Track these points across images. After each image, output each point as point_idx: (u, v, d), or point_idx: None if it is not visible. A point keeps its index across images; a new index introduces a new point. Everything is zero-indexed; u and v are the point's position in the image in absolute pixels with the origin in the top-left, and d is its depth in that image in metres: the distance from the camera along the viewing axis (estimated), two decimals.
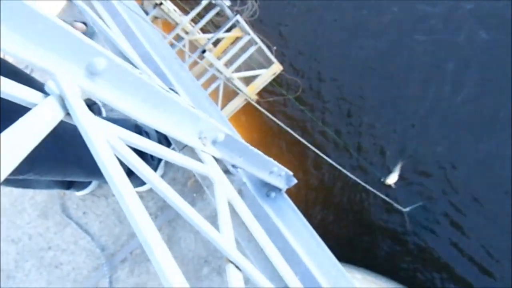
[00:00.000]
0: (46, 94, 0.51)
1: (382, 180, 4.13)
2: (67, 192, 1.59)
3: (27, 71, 1.85)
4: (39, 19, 0.48)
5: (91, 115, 0.52)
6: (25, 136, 0.37)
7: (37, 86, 1.09)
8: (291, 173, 1.32)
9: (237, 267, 0.60)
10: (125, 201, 0.42)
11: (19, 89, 0.46)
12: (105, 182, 1.47)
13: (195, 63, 3.23)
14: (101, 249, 1.47)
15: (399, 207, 3.94)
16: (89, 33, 1.86)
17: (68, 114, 0.50)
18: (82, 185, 1.50)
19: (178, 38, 3.33)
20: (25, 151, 0.36)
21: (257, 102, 3.29)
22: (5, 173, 0.33)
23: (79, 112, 0.48)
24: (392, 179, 4.14)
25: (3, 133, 0.36)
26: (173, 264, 0.42)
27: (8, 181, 1.20)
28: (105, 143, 0.50)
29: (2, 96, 0.44)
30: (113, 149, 0.52)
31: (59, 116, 0.48)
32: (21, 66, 1.86)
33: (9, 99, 0.45)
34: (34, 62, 0.50)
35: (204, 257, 1.23)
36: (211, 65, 2.98)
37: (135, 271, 1.38)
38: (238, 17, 3.02)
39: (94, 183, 1.52)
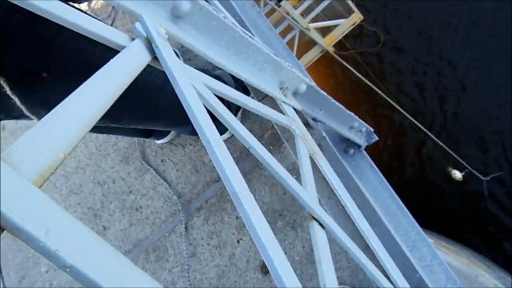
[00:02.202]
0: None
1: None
2: (147, 140, 1.65)
3: (109, 22, 1.90)
4: None
5: (178, 60, 0.50)
6: (117, 78, 0.36)
7: None
8: (372, 129, 1.25)
9: (320, 224, 0.57)
10: (212, 145, 0.40)
11: (108, 30, 0.44)
12: (183, 132, 1.50)
13: (270, 12, 3.13)
14: (177, 196, 1.53)
15: (479, 175, 3.69)
16: None
17: (155, 58, 0.48)
18: (162, 134, 1.54)
19: None
20: (118, 91, 0.34)
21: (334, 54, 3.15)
22: (98, 116, 0.32)
23: (167, 56, 0.45)
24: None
25: (96, 74, 0.34)
26: (260, 213, 0.40)
27: (96, 128, 1.26)
28: (191, 87, 0.48)
29: (90, 36, 0.43)
30: (198, 94, 0.50)
31: (147, 59, 0.46)
32: (104, 15, 1.91)
33: (98, 39, 0.44)
34: (122, 4, 0.48)
35: (279, 211, 1.23)
36: (287, 14, 2.87)
37: (210, 220, 1.42)
38: None
39: (173, 133, 1.56)
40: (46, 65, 0.82)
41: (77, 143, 0.29)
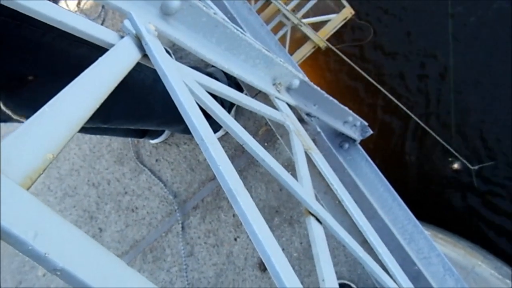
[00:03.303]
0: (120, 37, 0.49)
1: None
2: (141, 140, 1.64)
3: (99, 21, 1.88)
4: None
5: (168, 57, 0.49)
6: (107, 76, 0.35)
7: None
8: (366, 123, 1.25)
9: (318, 219, 0.57)
10: (205, 142, 0.40)
11: (97, 29, 0.43)
12: (176, 131, 1.49)
13: (261, 9, 3.12)
14: (173, 195, 1.52)
15: (467, 164, 3.71)
16: None
17: (145, 55, 0.47)
18: (156, 134, 1.53)
19: None
20: (107, 90, 0.34)
21: (326, 49, 3.15)
22: (87, 115, 0.31)
23: (157, 53, 0.45)
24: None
25: (85, 72, 0.33)
26: (255, 209, 0.39)
27: (87, 129, 1.24)
28: (182, 84, 0.48)
29: (79, 35, 0.42)
30: (190, 91, 0.49)
31: (137, 57, 0.45)
32: (94, 15, 1.89)
33: (86, 38, 0.43)
34: (111, 1, 0.48)
35: (275, 207, 1.22)
36: (278, 11, 2.86)
37: (207, 218, 1.41)
38: None
39: (167, 132, 1.55)
40: (32, 68, 0.81)
41: (65, 143, 0.28)
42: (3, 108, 0.82)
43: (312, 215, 0.56)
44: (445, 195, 4.17)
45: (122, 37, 0.47)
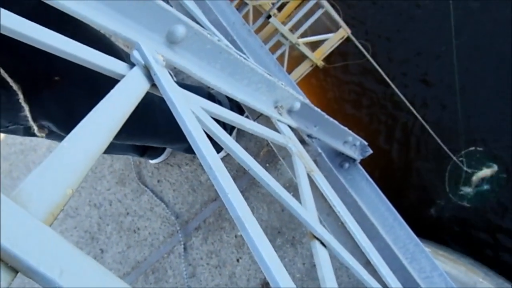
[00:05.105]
0: (130, 64, 0.50)
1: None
2: (142, 160, 1.64)
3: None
4: None
5: (176, 86, 0.51)
6: (119, 108, 0.36)
7: (119, 53, 1.11)
8: (366, 142, 1.26)
9: (322, 243, 0.58)
10: (213, 169, 0.41)
11: (107, 60, 0.45)
12: (179, 149, 1.49)
13: (259, 29, 3.17)
14: (175, 216, 1.52)
15: (450, 154, 3.73)
16: None
17: (153, 85, 0.49)
18: (156, 153, 1.54)
19: (242, 3, 3.28)
20: (120, 122, 0.35)
21: (324, 68, 3.19)
22: (102, 148, 0.32)
23: (165, 83, 0.46)
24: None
25: (99, 106, 0.35)
26: (263, 237, 0.40)
27: None
28: (190, 113, 0.49)
29: (89, 66, 0.44)
30: (197, 119, 0.51)
31: (146, 87, 0.47)
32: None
33: (97, 69, 0.45)
34: (119, 32, 0.49)
35: (278, 228, 1.22)
36: (276, 30, 2.91)
37: (209, 239, 1.41)
38: None
39: (167, 152, 1.56)
40: (58, 69, 0.81)
41: (83, 177, 0.29)
42: (27, 112, 0.82)
43: (317, 239, 0.57)
44: (444, 212, 4.17)
45: (131, 67, 0.49)
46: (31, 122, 0.85)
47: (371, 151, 1.28)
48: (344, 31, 3.13)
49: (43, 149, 1.99)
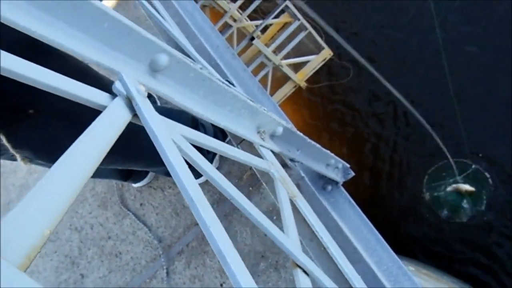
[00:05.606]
0: (112, 94, 0.50)
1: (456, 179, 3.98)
2: (125, 184, 1.63)
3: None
4: (105, 17, 0.47)
5: (157, 115, 0.51)
6: (101, 140, 0.36)
7: (107, 86, 1.11)
8: (348, 165, 1.27)
9: (305, 271, 0.58)
10: (192, 198, 0.41)
11: (88, 91, 0.45)
12: (159, 172, 1.48)
13: (243, 51, 3.21)
14: (158, 240, 1.50)
15: (447, 153, 3.80)
16: None
17: (135, 115, 0.49)
18: (139, 177, 1.53)
19: (226, 25, 3.32)
20: (101, 155, 0.35)
21: (307, 88, 3.23)
22: (83, 183, 0.32)
23: (147, 114, 0.46)
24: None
25: (80, 139, 0.35)
26: (238, 258, 0.40)
27: None
28: (171, 142, 0.49)
29: (71, 98, 0.44)
30: (178, 147, 0.51)
31: (128, 117, 0.47)
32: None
33: (78, 101, 0.44)
34: (101, 62, 0.49)
35: (261, 252, 1.22)
36: (259, 52, 2.95)
37: (192, 264, 1.39)
38: (288, 2, 2.96)
39: (150, 176, 1.55)
40: (33, 102, 0.81)
41: (62, 216, 0.29)
42: (4, 142, 0.82)
43: (299, 267, 0.57)
44: (426, 229, 4.20)
45: (113, 97, 0.49)
46: (12, 151, 0.85)
47: (353, 174, 1.29)
48: (327, 52, 3.19)
49: (23, 172, 1.95)
